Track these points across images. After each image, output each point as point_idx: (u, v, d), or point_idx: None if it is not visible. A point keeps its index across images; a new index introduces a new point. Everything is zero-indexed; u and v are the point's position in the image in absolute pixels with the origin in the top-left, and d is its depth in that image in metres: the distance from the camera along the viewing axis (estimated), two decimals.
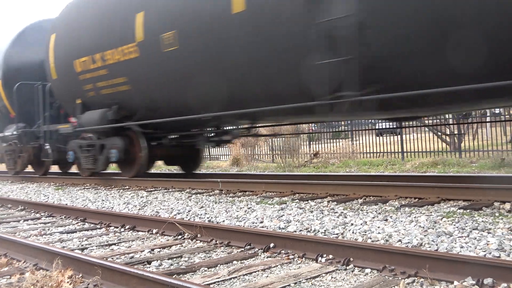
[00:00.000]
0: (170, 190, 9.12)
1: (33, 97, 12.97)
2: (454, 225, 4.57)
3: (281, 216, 5.67)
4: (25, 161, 13.35)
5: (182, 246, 4.68)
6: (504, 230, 4.24)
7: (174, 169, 12.12)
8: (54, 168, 15.19)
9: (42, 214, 7.21)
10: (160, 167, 16.18)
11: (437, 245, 3.94)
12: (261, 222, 5.47)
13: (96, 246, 4.84)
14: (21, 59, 13.38)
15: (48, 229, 5.92)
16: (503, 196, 5.65)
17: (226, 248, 4.48)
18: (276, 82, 7.36)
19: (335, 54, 5.99)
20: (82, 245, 4.89)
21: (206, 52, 7.90)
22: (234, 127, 10.07)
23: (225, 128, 10.37)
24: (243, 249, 4.34)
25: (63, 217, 6.79)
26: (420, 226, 4.61)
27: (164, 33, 8.33)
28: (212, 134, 10.07)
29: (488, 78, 5.17)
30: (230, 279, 3.50)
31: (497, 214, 5.05)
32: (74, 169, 15.25)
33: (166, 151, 11.27)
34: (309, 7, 6.32)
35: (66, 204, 7.83)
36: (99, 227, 5.93)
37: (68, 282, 3.40)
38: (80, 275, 3.50)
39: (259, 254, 4.17)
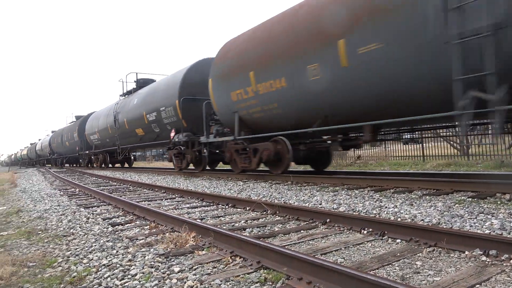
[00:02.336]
0: (258, 181, 9.19)
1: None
2: (465, 209, 4.21)
3: (334, 200, 5.52)
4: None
5: (266, 219, 4.68)
6: (505, 214, 3.85)
7: (261, 167, 12.19)
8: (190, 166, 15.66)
9: (176, 195, 7.51)
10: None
11: (451, 224, 3.66)
12: (320, 204, 5.36)
13: (210, 217, 4.97)
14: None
15: (180, 205, 6.16)
16: (503, 189, 5.14)
17: (296, 221, 4.42)
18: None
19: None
20: (201, 216, 5.03)
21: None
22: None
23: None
24: (307, 222, 4.26)
25: (189, 197, 7.05)
26: (438, 209, 4.30)
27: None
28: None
29: None
30: (299, 242, 3.45)
31: (499, 202, 4.59)
32: (219, 166, 15.72)
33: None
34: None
35: (191, 189, 8.10)
36: (212, 204, 6.08)
37: (192, 240, 3.50)
38: (200, 236, 3.60)
39: (319, 226, 4.07)
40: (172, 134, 13.71)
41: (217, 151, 12.42)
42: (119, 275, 2.74)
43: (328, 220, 4.10)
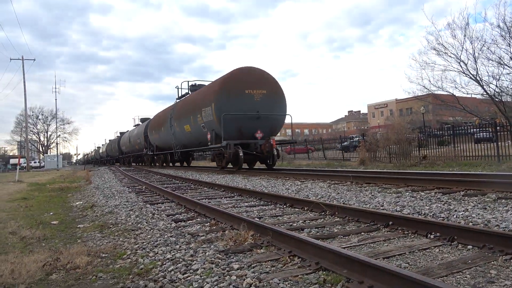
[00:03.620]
0: (315, 181, 9.07)
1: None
2: None
3: (397, 202, 5.28)
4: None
5: (324, 219, 4.61)
6: None
7: (318, 166, 11.86)
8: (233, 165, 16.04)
9: (235, 193, 7.66)
10: (309, 164, 16.17)
11: None
12: (382, 206, 5.15)
13: (268, 216, 5.00)
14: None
15: (238, 204, 6.27)
16: None
17: (356, 223, 4.30)
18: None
19: None
20: (259, 215, 5.09)
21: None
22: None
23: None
24: (368, 224, 4.12)
25: (247, 196, 7.15)
26: None
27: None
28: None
29: None
30: (359, 245, 3.35)
31: None
32: (257, 165, 16.01)
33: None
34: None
35: (249, 188, 8.21)
36: (270, 204, 6.11)
37: (251, 238, 3.55)
38: (258, 234, 3.64)
39: (381, 228, 3.92)
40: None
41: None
42: (182, 269, 2.87)
43: (390, 222, 3.93)
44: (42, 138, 71.10)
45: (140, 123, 32.68)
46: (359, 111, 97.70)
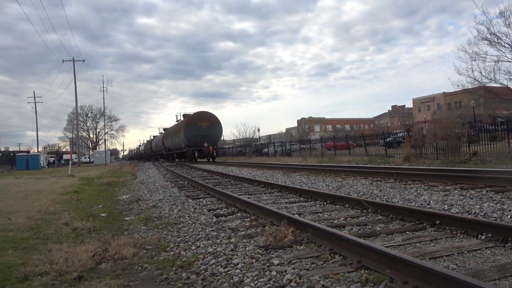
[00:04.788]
0: (357, 177, 8.88)
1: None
2: None
3: (445, 201, 5.04)
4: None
5: (366, 217, 4.50)
6: None
7: (359, 163, 11.66)
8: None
9: (274, 190, 7.65)
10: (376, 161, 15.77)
11: None
12: (428, 204, 4.95)
13: (308, 213, 4.97)
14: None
15: (278, 200, 6.28)
16: None
17: (400, 221, 4.16)
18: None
19: None
20: (299, 212, 5.06)
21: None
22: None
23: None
24: (414, 223, 3.97)
25: (287, 192, 7.13)
26: None
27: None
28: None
29: None
30: (404, 244, 3.24)
31: None
32: (297, 162, 15.84)
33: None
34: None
35: (289, 185, 8.13)
36: (309, 200, 6.06)
37: (291, 234, 3.55)
38: (298, 231, 3.63)
39: (427, 228, 3.76)
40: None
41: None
42: (222, 263, 2.93)
43: (437, 222, 3.76)
44: (91, 135, 75.17)
45: (183, 118, 34.39)
46: (404, 106, 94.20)
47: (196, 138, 26.40)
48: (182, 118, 35.66)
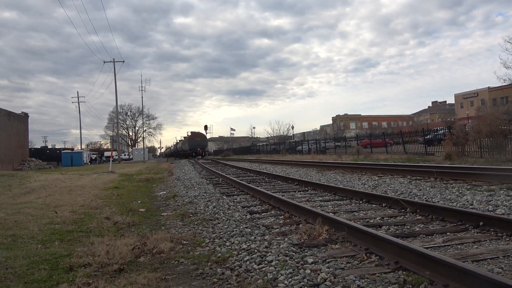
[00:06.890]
0: (394, 176, 8.63)
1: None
2: None
3: (490, 201, 4.80)
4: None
5: (404, 217, 4.36)
6: None
7: (397, 161, 11.29)
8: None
9: (309, 188, 7.60)
10: (388, 160, 15.40)
11: None
12: (471, 204, 4.73)
13: (343, 212, 4.89)
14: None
15: (312, 198, 6.22)
16: None
17: (440, 222, 4.00)
18: None
19: None
20: (334, 210, 5.00)
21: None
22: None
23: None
24: (455, 224, 3.81)
25: (321, 190, 7.06)
26: None
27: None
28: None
29: None
30: (444, 246, 3.12)
31: None
32: (330, 159, 15.63)
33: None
34: None
35: (323, 183, 8.08)
36: (345, 199, 5.97)
37: (325, 233, 3.51)
38: (333, 229, 3.58)
39: (470, 229, 3.60)
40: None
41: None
42: (256, 260, 2.95)
43: (481, 223, 3.59)
44: (130, 133, 77.94)
45: (183, 138, 51.56)
46: (445, 102, 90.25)
47: (193, 146, 45.32)
48: (183, 138, 54.74)
